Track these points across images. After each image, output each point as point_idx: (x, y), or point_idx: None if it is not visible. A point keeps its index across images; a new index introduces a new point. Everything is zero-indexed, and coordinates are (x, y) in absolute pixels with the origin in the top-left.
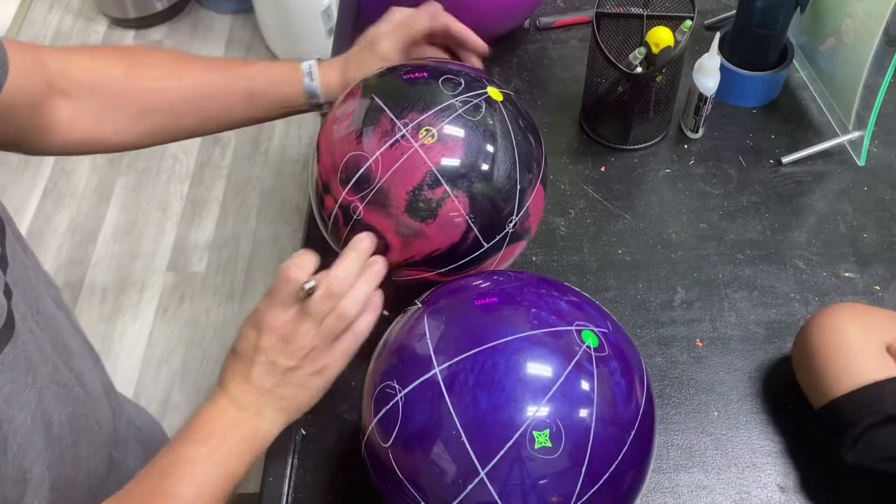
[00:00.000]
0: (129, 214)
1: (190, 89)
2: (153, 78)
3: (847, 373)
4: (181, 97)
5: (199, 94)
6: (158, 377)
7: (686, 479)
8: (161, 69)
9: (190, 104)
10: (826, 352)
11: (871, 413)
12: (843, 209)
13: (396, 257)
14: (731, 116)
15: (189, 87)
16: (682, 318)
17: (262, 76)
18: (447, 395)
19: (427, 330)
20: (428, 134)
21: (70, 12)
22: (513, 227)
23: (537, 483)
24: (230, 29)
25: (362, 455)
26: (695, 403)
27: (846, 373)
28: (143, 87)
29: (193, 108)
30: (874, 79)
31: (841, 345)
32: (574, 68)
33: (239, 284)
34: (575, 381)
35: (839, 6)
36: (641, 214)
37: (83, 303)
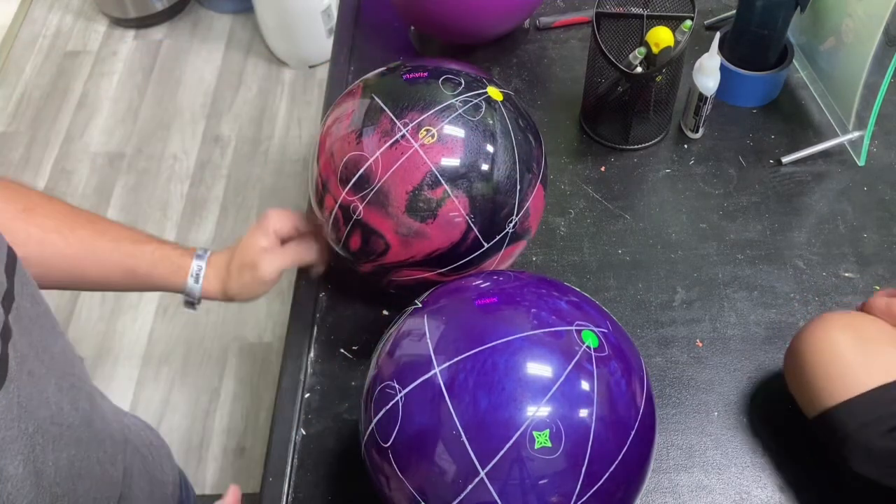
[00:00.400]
0: (129, 214)
1: (72, 248)
2: (40, 227)
3: (841, 383)
4: (60, 253)
5: (80, 256)
6: (158, 377)
7: (686, 479)
8: (52, 220)
9: (67, 262)
10: (818, 362)
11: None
12: (843, 209)
13: (396, 257)
14: (731, 116)
15: (72, 246)
16: (682, 318)
17: (147, 260)
18: (447, 395)
19: (427, 330)
20: (428, 134)
21: (70, 12)
22: (513, 227)
23: (537, 483)
24: (230, 29)
25: (362, 455)
26: (695, 403)
27: (840, 383)
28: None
29: (69, 266)
30: (874, 79)
31: (833, 355)
32: (574, 68)
33: None
34: (575, 381)
35: (839, 6)
36: (641, 214)
37: (83, 303)
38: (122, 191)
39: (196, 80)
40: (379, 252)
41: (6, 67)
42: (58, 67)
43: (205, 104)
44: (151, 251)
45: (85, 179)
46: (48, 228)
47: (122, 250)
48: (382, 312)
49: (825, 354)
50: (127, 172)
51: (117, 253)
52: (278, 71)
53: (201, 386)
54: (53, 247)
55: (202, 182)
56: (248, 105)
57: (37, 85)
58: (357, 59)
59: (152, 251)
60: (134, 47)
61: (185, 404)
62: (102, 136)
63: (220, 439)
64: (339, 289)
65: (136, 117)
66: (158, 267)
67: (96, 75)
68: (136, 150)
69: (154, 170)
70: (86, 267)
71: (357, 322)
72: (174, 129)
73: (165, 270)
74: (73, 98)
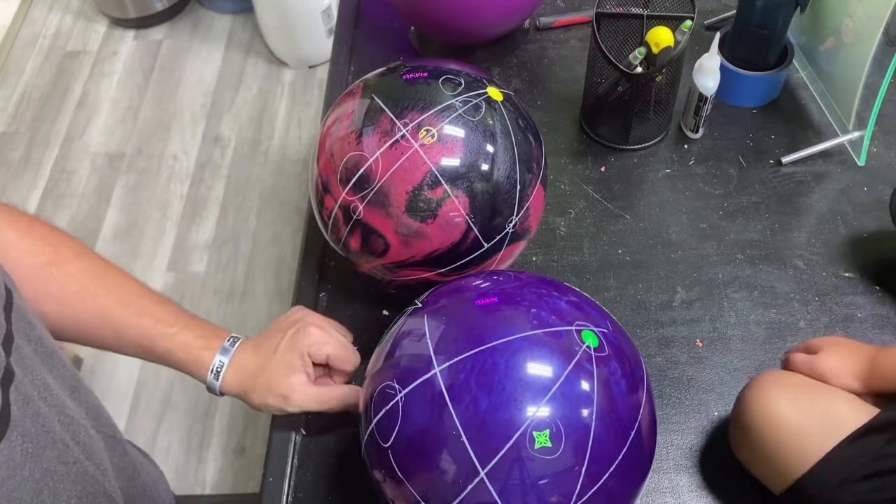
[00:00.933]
0: (129, 214)
1: (90, 316)
2: (63, 286)
3: (799, 454)
4: (77, 318)
5: (98, 325)
6: (158, 377)
7: (686, 479)
8: (76, 282)
9: (83, 327)
10: (768, 437)
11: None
12: (843, 209)
13: (396, 257)
14: (731, 116)
15: (91, 314)
16: (682, 318)
17: (165, 345)
18: (447, 396)
19: (427, 330)
20: (428, 134)
21: (70, 12)
22: (513, 227)
23: (537, 483)
24: (230, 29)
25: (362, 455)
26: (695, 403)
27: (799, 454)
28: (47, 289)
29: (84, 330)
30: (874, 79)
31: (781, 426)
32: (574, 68)
33: (239, 284)
34: (575, 382)
35: (839, 6)
36: (641, 214)
37: None
38: (122, 191)
39: (196, 80)
40: (379, 252)
41: (6, 67)
42: (58, 67)
43: (205, 104)
44: (172, 335)
45: (85, 179)
46: (70, 290)
47: (141, 328)
48: (382, 312)
49: (774, 428)
50: (127, 172)
51: (136, 330)
52: (278, 71)
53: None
54: (72, 310)
55: (202, 182)
56: (248, 105)
57: (37, 85)
58: (357, 59)
59: (173, 336)
60: (134, 47)
61: (185, 404)
62: (102, 136)
63: (220, 439)
64: (339, 289)
65: (136, 117)
66: (176, 353)
67: (96, 75)
68: (136, 150)
69: (154, 170)
70: (102, 335)
71: (357, 322)
72: (174, 129)
73: (183, 358)
74: (73, 98)
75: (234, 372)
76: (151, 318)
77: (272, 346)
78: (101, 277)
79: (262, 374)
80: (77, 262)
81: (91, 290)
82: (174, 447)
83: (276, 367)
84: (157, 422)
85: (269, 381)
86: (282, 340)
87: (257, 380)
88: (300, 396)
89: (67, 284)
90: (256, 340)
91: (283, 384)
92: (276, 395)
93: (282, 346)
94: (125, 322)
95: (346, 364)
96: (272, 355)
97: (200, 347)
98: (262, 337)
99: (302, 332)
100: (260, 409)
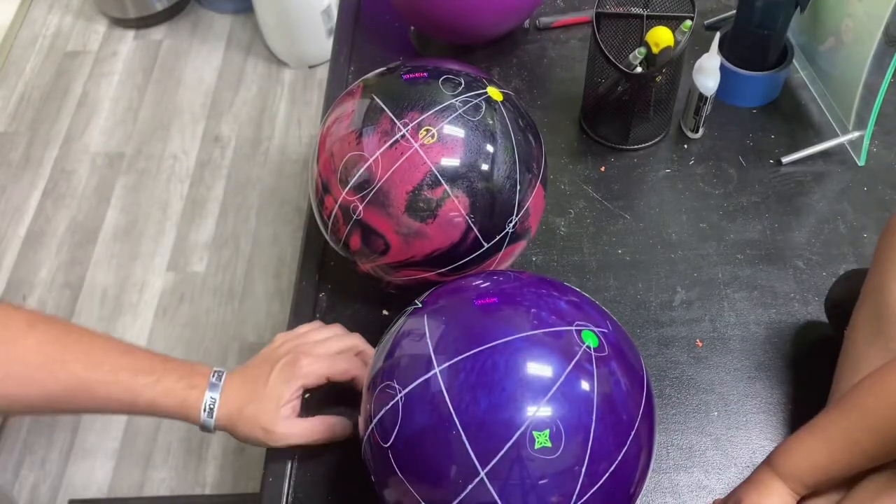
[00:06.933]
0: (129, 214)
1: (62, 386)
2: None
3: None
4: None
5: (72, 393)
6: None
7: (686, 479)
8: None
9: (57, 400)
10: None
11: None
12: (843, 209)
13: (396, 257)
14: (731, 116)
15: (63, 383)
16: (682, 318)
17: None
18: (447, 395)
19: (427, 330)
20: (428, 134)
21: (70, 12)
22: (513, 227)
23: (537, 483)
24: (230, 29)
25: (362, 455)
26: (695, 403)
27: None
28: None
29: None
30: (874, 79)
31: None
32: (574, 68)
33: (239, 284)
34: (575, 381)
35: (839, 6)
36: (641, 214)
37: (83, 303)
38: (122, 191)
39: (196, 80)
40: (379, 252)
41: (6, 67)
42: (58, 67)
43: (205, 104)
44: (153, 383)
45: (85, 179)
46: (34, 365)
47: (120, 385)
48: (382, 312)
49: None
50: (127, 172)
51: (115, 387)
52: (278, 71)
53: None
54: (40, 386)
55: (202, 182)
56: (247, 105)
57: (37, 85)
58: (357, 59)
59: (154, 383)
60: (134, 47)
61: None
62: (102, 136)
63: (220, 439)
64: (339, 289)
65: (136, 117)
66: (161, 401)
67: (96, 75)
68: (136, 150)
69: (154, 170)
70: (79, 402)
71: (357, 322)
72: (174, 129)
73: (170, 404)
74: (73, 98)
75: (223, 405)
76: (128, 372)
77: (261, 378)
78: (63, 343)
79: (249, 405)
80: (32, 333)
81: (58, 360)
82: (174, 447)
83: (263, 400)
84: (157, 422)
85: (255, 414)
86: (271, 372)
87: (244, 412)
88: (284, 430)
89: (29, 361)
90: (242, 371)
91: (268, 418)
92: (261, 428)
93: (272, 379)
94: (102, 382)
95: (346, 376)
96: (262, 388)
97: (185, 388)
98: (247, 367)
99: (293, 365)
100: (247, 442)
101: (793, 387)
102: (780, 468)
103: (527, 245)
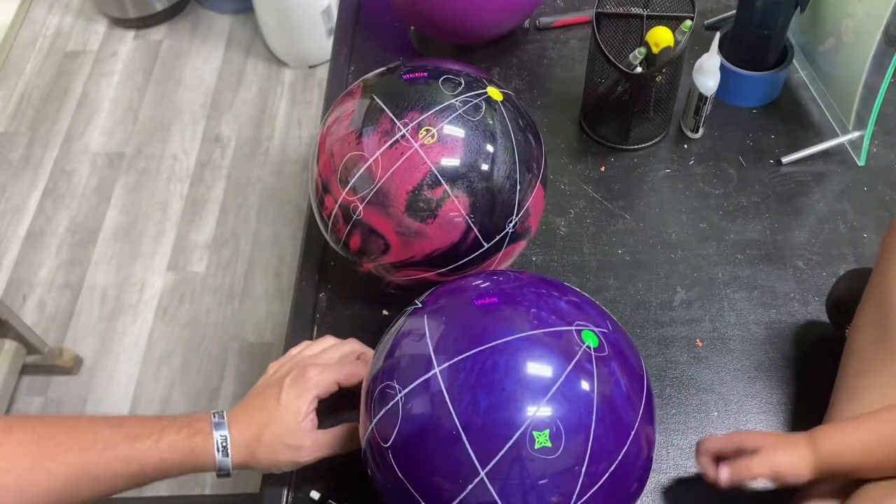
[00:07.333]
0: (129, 214)
1: (59, 480)
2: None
3: None
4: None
5: (73, 483)
6: (158, 377)
7: (686, 479)
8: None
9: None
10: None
11: None
12: (843, 209)
13: (396, 257)
14: (731, 116)
15: (59, 478)
16: (682, 318)
17: (153, 457)
18: (447, 395)
19: (427, 330)
20: (428, 134)
21: (70, 12)
22: (513, 227)
23: (537, 483)
24: (230, 29)
25: (362, 455)
26: (695, 403)
27: None
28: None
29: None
30: (874, 79)
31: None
32: (574, 68)
33: (239, 284)
34: (575, 381)
35: (839, 6)
36: (641, 214)
37: (83, 303)
38: (122, 191)
39: (196, 80)
40: (379, 252)
41: (6, 67)
42: (58, 67)
43: (205, 104)
44: (154, 444)
45: (85, 179)
46: (22, 470)
47: (119, 458)
48: (382, 312)
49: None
50: (127, 172)
51: (116, 463)
52: (278, 71)
53: (201, 386)
54: (35, 487)
55: (202, 182)
56: (247, 105)
57: (37, 85)
58: (357, 59)
59: (155, 444)
60: (134, 47)
61: (185, 404)
62: (102, 136)
63: None
64: (339, 289)
65: (136, 117)
66: (169, 458)
67: (96, 75)
68: (136, 150)
69: (154, 170)
70: (85, 491)
71: (357, 322)
72: (174, 129)
73: (178, 458)
74: (73, 98)
75: (236, 441)
76: (125, 443)
77: (271, 400)
78: (45, 437)
79: (268, 429)
80: (10, 438)
81: (47, 455)
82: None
83: (281, 419)
84: None
85: (277, 435)
86: (281, 392)
87: (263, 438)
88: (312, 442)
89: (14, 467)
90: (244, 405)
91: (292, 435)
92: (286, 447)
93: (284, 397)
94: (101, 462)
95: (355, 379)
96: (275, 408)
97: (189, 437)
98: (248, 399)
99: (302, 378)
100: (270, 470)
101: (793, 387)
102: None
103: (527, 245)
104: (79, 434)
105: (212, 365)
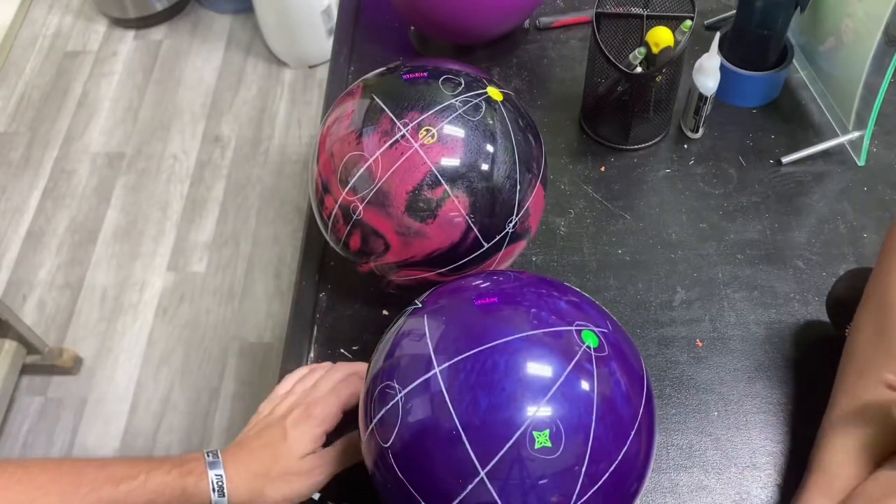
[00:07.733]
0: (129, 214)
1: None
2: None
3: None
4: None
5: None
6: (158, 377)
7: (686, 479)
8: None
9: None
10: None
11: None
12: (843, 209)
13: (396, 257)
14: (731, 116)
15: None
16: (682, 318)
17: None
18: (447, 395)
19: (427, 330)
20: (428, 134)
21: (70, 12)
22: (513, 227)
23: (537, 483)
24: (230, 29)
25: (362, 455)
26: (695, 403)
27: None
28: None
29: None
30: (874, 79)
31: None
32: (574, 68)
33: (239, 284)
34: (575, 381)
35: (839, 6)
36: (641, 214)
37: (83, 303)
38: (122, 191)
39: (196, 80)
40: (379, 252)
41: (6, 67)
42: (58, 67)
43: (205, 104)
44: (141, 485)
45: (85, 179)
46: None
47: (103, 500)
48: (382, 312)
49: None
50: (127, 172)
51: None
52: (278, 71)
53: (201, 386)
54: None
55: (202, 182)
56: (247, 105)
57: (37, 85)
58: (357, 59)
59: (142, 485)
60: (134, 47)
61: (185, 404)
62: (102, 136)
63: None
64: (339, 289)
65: (136, 117)
66: (157, 500)
67: (96, 75)
68: (136, 150)
69: (154, 170)
70: None
71: (357, 322)
72: (174, 129)
73: (167, 500)
74: (73, 98)
75: (235, 479)
76: (110, 485)
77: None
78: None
79: (277, 464)
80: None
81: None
82: (174, 447)
83: (289, 452)
84: (157, 422)
85: (287, 467)
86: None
87: (271, 472)
88: (326, 464)
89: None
90: (240, 445)
91: (302, 464)
92: (299, 475)
93: (291, 435)
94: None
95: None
96: (282, 444)
97: (179, 477)
98: (244, 440)
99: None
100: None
101: (793, 387)
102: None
103: (527, 245)
104: (60, 479)
105: (212, 365)
